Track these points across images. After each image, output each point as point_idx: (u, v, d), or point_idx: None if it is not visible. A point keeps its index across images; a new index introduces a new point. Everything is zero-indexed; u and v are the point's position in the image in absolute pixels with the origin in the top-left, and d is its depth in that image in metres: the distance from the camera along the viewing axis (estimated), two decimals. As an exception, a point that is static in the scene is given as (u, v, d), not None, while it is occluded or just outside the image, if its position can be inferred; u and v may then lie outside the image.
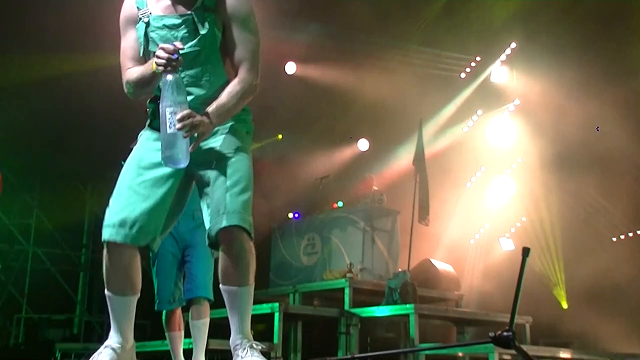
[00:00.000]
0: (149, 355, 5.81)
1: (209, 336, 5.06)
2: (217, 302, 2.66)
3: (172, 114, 2.40)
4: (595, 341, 7.38)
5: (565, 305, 8.60)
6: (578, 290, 7.97)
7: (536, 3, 8.32)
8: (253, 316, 2.69)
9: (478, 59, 9.38)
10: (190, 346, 4.75)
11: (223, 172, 2.56)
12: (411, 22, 8.84)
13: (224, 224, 2.49)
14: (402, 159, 8.80)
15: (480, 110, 9.64)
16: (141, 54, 2.64)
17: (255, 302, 2.72)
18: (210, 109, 2.52)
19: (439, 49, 9.00)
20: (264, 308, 5.60)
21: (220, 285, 2.62)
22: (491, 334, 2.17)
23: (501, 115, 9.49)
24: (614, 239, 8.57)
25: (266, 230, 8.09)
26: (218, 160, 2.58)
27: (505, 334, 2.14)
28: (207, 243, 2.62)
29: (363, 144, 10.00)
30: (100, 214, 2.70)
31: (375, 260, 7.11)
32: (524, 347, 2.27)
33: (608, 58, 7.82)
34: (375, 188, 7.76)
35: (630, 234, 8.49)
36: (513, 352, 2.49)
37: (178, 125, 2.39)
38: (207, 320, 4.08)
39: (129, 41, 2.67)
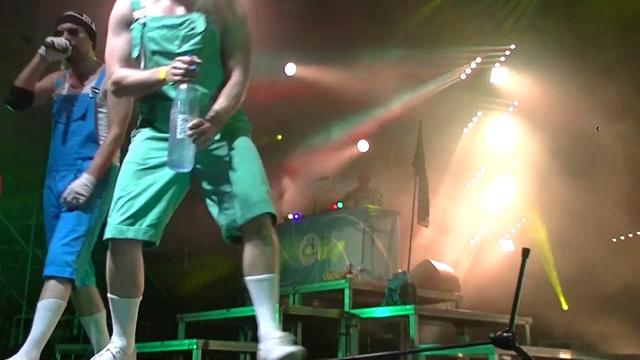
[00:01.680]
0: (149, 356, 5.79)
1: (208, 337, 5.04)
2: (217, 303, 2.64)
3: (183, 121, 2.46)
4: (595, 342, 7.37)
5: (565, 306, 8.60)
6: (578, 291, 7.96)
7: (536, 4, 8.32)
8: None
9: (478, 60, 9.38)
10: (191, 347, 4.75)
11: (239, 167, 2.61)
12: (410, 23, 8.85)
13: (257, 212, 2.53)
14: (402, 160, 8.79)
15: (480, 111, 9.63)
16: (134, 55, 2.64)
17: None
18: (214, 113, 2.55)
19: (438, 50, 8.99)
20: (264, 309, 5.56)
21: (246, 278, 2.59)
22: (491, 335, 2.17)
23: (501, 116, 9.50)
24: (614, 240, 8.57)
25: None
26: (231, 158, 2.62)
27: (505, 334, 2.14)
28: (225, 236, 2.62)
29: (362, 145, 9.99)
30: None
31: (375, 261, 7.10)
32: (524, 348, 2.27)
33: (608, 59, 7.82)
34: (373, 186, 7.75)
35: (631, 235, 8.49)
36: (513, 352, 2.50)
37: (189, 132, 2.45)
38: (53, 303, 3.43)
39: (120, 42, 2.67)
